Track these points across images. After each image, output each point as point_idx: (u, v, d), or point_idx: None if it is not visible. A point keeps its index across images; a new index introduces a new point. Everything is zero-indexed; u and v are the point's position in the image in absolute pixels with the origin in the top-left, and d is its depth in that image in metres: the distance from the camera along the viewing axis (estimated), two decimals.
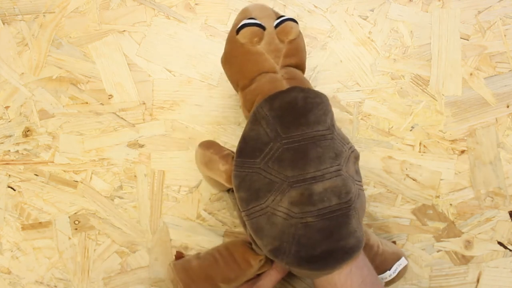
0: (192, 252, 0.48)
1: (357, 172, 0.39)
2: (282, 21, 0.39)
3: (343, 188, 0.35)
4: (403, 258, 0.42)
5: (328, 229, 0.35)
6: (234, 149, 0.39)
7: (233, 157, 0.39)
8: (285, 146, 0.35)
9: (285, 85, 0.38)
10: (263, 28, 0.39)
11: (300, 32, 0.41)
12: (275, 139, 0.36)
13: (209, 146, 0.41)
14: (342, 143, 0.38)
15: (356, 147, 0.49)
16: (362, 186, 0.39)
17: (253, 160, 0.36)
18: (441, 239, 0.48)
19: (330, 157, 0.36)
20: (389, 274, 0.41)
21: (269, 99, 0.37)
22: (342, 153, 0.37)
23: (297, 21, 0.41)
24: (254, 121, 0.38)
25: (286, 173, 0.35)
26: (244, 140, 0.38)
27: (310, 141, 0.36)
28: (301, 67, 0.41)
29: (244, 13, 0.41)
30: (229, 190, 0.47)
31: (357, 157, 0.39)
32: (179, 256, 0.45)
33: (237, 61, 0.41)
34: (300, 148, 0.35)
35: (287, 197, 0.35)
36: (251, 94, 0.39)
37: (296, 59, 0.40)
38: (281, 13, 0.42)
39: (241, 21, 0.40)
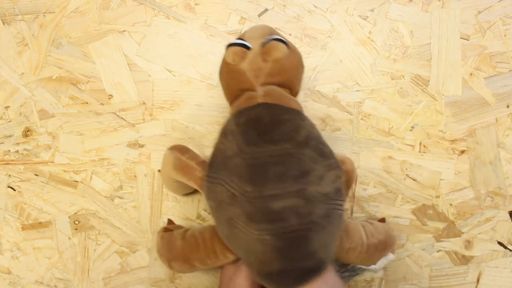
0: None
1: (338, 190, 0.37)
2: (268, 41, 0.40)
3: (304, 209, 0.35)
4: (390, 254, 0.43)
5: (284, 248, 0.35)
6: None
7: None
8: (247, 161, 0.36)
9: (259, 102, 0.39)
10: (247, 47, 0.40)
11: (292, 52, 0.41)
12: (239, 154, 0.36)
13: (184, 151, 0.42)
14: (315, 161, 0.37)
15: (356, 147, 0.49)
16: (340, 205, 0.38)
17: (220, 172, 0.37)
18: (441, 239, 0.48)
19: (293, 176, 0.35)
20: (375, 268, 0.42)
21: (236, 115, 0.38)
22: (311, 172, 0.36)
23: (286, 42, 0.40)
24: (223, 134, 0.39)
25: (246, 188, 0.35)
26: (214, 153, 0.39)
27: (273, 159, 0.36)
28: (288, 85, 0.41)
29: (243, 34, 0.43)
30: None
31: (339, 175, 0.38)
32: (170, 223, 0.47)
33: (223, 78, 0.43)
34: (261, 165, 0.36)
35: (246, 212, 0.35)
36: (231, 110, 0.41)
37: (280, 78, 0.40)
38: (276, 35, 0.42)
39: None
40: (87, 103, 0.52)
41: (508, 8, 0.52)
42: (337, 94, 0.51)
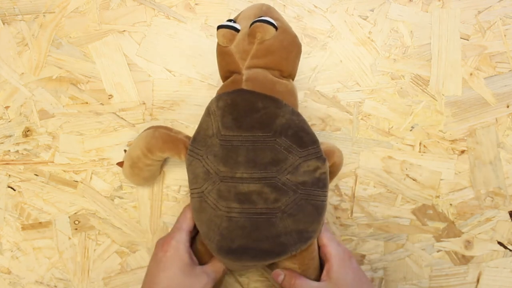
0: None
1: (318, 181, 0.38)
2: (254, 22, 0.40)
3: (271, 195, 0.37)
4: None
5: (249, 228, 0.37)
6: None
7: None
8: (221, 143, 0.38)
9: (242, 86, 0.39)
10: (236, 29, 0.40)
11: (281, 32, 0.40)
12: (216, 135, 0.39)
13: (168, 128, 0.43)
14: (290, 151, 0.38)
15: (356, 147, 0.49)
16: (318, 195, 0.38)
17: (200, 148, 0.39)
18: (441, 239, 0.48)
19: (263, 163, 0.37)
20: None
21: (217, 97, 0.40)
22: (284, 161, 0.37)
23: (275, 23, 0.40)
24: (207, 113, 0.40)
25: (219, 168, 0.38)
26: (198, 129, 0.41)
27: (245, 144, 0.38)
28: (276, 67, 0.41)
29: (239, 13, 0.43)
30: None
31: (318, 166, 0.38)
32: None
33: (217, 59, 0.43)
34: (233, 149, 0.38)
35: (217, 189, 0.38)
36: (219, 89, 0.42)
37: (266, 60, 0.40)
38: (279, 13, 0.42)
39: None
40: (87, 103, 0.52)
41: (508, 8, 0.52)
42: (337, 94, 0.51)
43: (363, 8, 0.53)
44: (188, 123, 0.51)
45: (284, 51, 0.41)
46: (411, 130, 0.50)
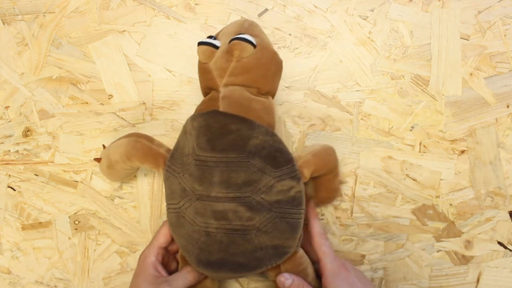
0: None
1: (293, 199, 0.39)
2: (232, 40, 0.40)
3: (246, 214, 0.38)
4: None
5: (226, 242, 0.38)
6: None
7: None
8: (196, 163, 0.39)
9: (219, 106, 0.40)
10: (215, 46, 0.41)
11: (260, 50, 0.40)
12: (191, 155, 0.39)
13: (150, 139, 0.43)
14: (264, 171, 0.38)
15: (356, 147, 0.49)
16: (293, 213, 0.39)
17: (177, 165, 0.40)
18: (441, 239, 0.48)
19: (237, 184, 0.38)
20: None
21: (192, 117, 0.40)
22: (257, 181, 0.38)
23: (252, 41, 0.40)
24: (183, 132, 0.41)
25: (195, 186, 0.39)
26: (176, 146, 0.41)
27: (219, 165, 0.38)
28: (253, 85, 0.41)
29: (221, 29, 0.44)
30: None
31: (292, 186, 0.39)
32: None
33: (198, 75, 0.44)
34: (208, 169, 0.38)
35: (193, 206, 0.39)
36: (198, 106, 0.43)
37: (242, 78, 0.40)
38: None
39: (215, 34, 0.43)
40: (87, 103, 0.52)
41: (508, 8, 0.52)
42: (337, 94, 0.51)
43: (363, 8, 0.53)
44: None
45: (261, 69, 0.41)
46: (411, 130, 0.50)
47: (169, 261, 0.44)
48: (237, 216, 0.38)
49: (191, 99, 0.51)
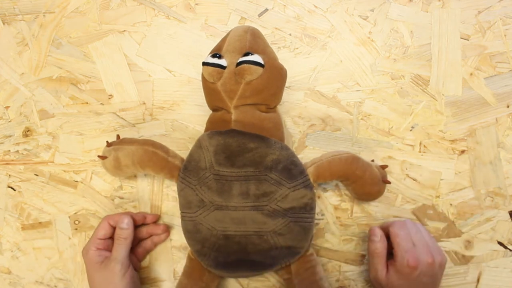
0: None
1: (305, 205, 0.41)
2: (241, 63, 0.40)
3: (262, 221, 0.41)
4: None
5: (244, 243, 0.41)
6: None
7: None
8: (215, 177, 0.41)
9: (232, 127, 0.42)
10: (223, 67, 0.41)
11: (268, 69, 0.41)
12: (209, 169, 0.42)
13: (165, 149, 0.44)
14: (280, 184, 0.41)
15: (356, 147, 0.49)
16: (306, 218, 0.42)
17: (191, 177, 0.42)
18: (441, 239, 0.48)
19: (256, 195, 0.41)
20: None
21: (210, 134, 0.42)
22: (274, 192, 0.41)
23: (261, 62, 0.40)
24: (198, 146, 0.43)
25: (213, 198, 0.41)
26: (189, 158, 0.43)
27: (238, 180, 0.41)
28: (263, 103, 0.42)
29: (223, 40, 0.43)
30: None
31: (306, 194, 0.41)
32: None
33: (203, 89, 0.44)
34: (227, 183, 0.41)
35: (213, 215, 0.41)
36: (207, 122, 0.45)
37: (253, 99, 0.42)
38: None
39: (216, 49, 0.43)
40: (87, 103, 0.52)
41: (508, 8, 0.52)
42: (337, 94, 0.51)
43: (363, 8, 0.53)
44: (188, 123, 0.51)
45: (271, 88, 0.42)
46: (411, 130, 0.50)
47: (133, 262, 0.45)
48: (255, 222, 0.41)
49: (191, 99, 0.51)
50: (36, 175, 0.50)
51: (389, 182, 0.44)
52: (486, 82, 0.51)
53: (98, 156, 0.45)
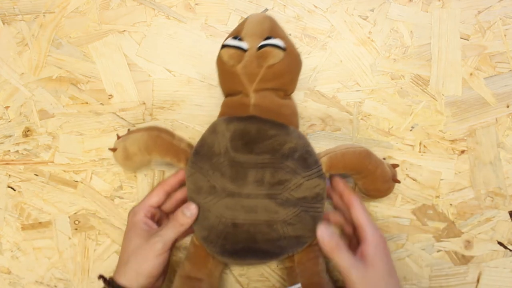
0: None
1: (317, 195, 0.41)
2: (263, 46, 0.40)
3: (274, 210, 0.40)
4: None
5: (252, 232, 0.41)
6: None
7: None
8: (230, 164, 0.40)
9: (250, 111, 0.41)
10: (244, 50, 0.41)
11: (288, 54, 0.41)
12: (224, 155, 0.41)
13: (171, 134, 0.44)
14: (295, 172, 0.40)
15: None
16: (316, 207, 0.41)
17: (203, 162, 0.41)
18: (441, 239, 0.48)
19: (270, 183, 0.40)
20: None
21: (228, 119, 0.41)
22: (288, 181, 0.40)
23: (282, 45, 0.40)
24: (213, 130, 0.42)
25: (226, 185, 0.40)
26: (201, 143, 0.42)
27: (254, 166, 0.40)
28: (282, 89, 0.42)
29: (241, 25, 0.43)
30: None
31: (318, 184, 0.41)
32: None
33: (219, 73, 0.44)
34: (242, 170, 0.40)
35: (223, 202, 0.41)
36: (223, 106, 0.44)
37: (273, 83, 0.41)
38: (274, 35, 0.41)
39: (235, 33, 0.43)
40: (87, 103, 0.52)
41: (508, 8, 0.52)
42: (337, 94, 0.51)
43: (363, 8, 0.53)
44: (188, 123, 0.51)
45: (291, 74, 0.43)
46: (411, 130, 0.50)
47: (161, 218, 0.45)
48: (266, 210, 0.41)
49: (191, 99, 0.51)
50: (36, 175, 0.50)
51: (399, 181, 0.44)
52: (486, 82, 0.51)
53: (109, 148, 0.45)
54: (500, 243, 0.48)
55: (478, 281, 0.47)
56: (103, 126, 0.51)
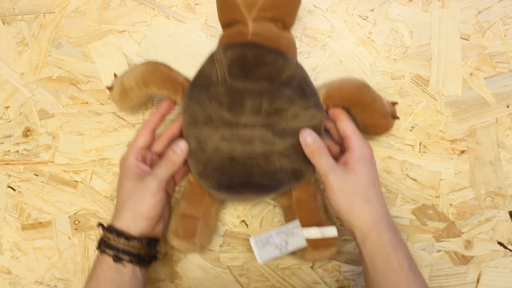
0: (192, 253, 0.48)
1: (314, 127, 0.41)
2: None
3: (271, 141, 0.41)
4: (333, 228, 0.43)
5: (249, 165, 0.41)
6: None
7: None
8: (227, 91, 0.41)
9: (248, 40, 0.41)
10: None
11: None
12: (222, 83, 0.41)
13: (169, 67, 0.44)
14: (293, 101, 0.40)
15: None
16: None
17: (200, 92, 0.41)
18: (441, 239, 0.48)
19: (267, 112, 0.40)
20: (314, 232, 0.42)
21: (225, 47, 0.41)
22: (285, 110, 0.41)
23: None
24: (211, 60, 0.42)
25: (223, 114, 0.41)
26: (199, 74, 0.42)
27: (251, 94, 0.40)
28: (280, 19, 0.42)
29: None
30: None
31: (315, 115, 0.41)
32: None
33: (217, 3, 0.44)
34: (239, 98, 0.40)
35: (220, 133, 0.41)
36: (221, 38, 0.44)
37: (272, 13, 0.41)
38: None
39: None
40: (87, 103, 0.52)
41: (508, 8, 0.52)
42: None
43: (363, 8, 0.53)
44: None
45: (290, 4, 0.43)
46: (411, 130, 0.50)
47: (152, 160, 0.44)
48: (263, 141, 0.41)
49: None
50: (36, 175, 0.50)
51: (398, 118, 0.44)
52: (486, 82, 0.51)
53: (106, 87, 0.45)
54: (500, 243, 0.48)
55: (478, 281, 0.47)
56: (103, 126, 0.51)
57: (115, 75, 0.46)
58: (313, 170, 0.42)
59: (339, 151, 0.44)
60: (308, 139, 0.40)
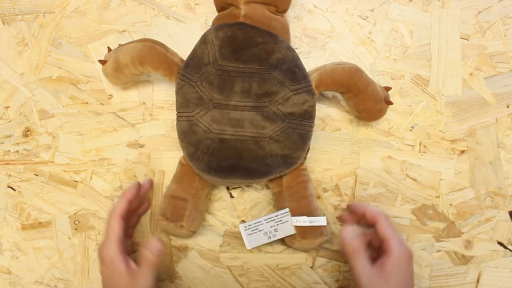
0: (191, 253, 0.48)
1: (305, 112, 0.42)
2: None
3: (262, 123, 0.41)
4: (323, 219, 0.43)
5: (239, 148, 0.41)
6: None
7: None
8: (218, 72, 0.41)
9: (239, 21, 0.42)
10: None
11: None
12: (212, 64, 0.42)
13: (165, 47, 0.44)
14: (283, 84, 0.41)
15: (356, 147, 0.49)
16: (304, 125, 0.42)
17: (193, 74, 0.42)
18: (441, 239, 0.48)
19: (257, 94, 0.41)
20: (304, 220, 0.42)
21: (217, 27, 0.42)
22: (276, 93, 0.41)
23: None
24: (203, 41, 0.42)
25: (213, 95, 0.41)
26: (192, 55, 0.43)
27: (241, 75, 0.41)
28: (273, 4, 0.43)
29: None
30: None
31: (306, 99, 0.41)
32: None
33: None
34: (229, 79, 0.41)
35: (210, 114, 0.41)
36: (214, 20, 0.45)
37: None
38: None
39: None
40: (87, 103, 0.52)
41: (508, 8, 0.52)
42: (337, 94, 0.51)
43: (363, 8, 0.53)
44: None
45: None
46: (411, 130, 0.50)
47: (126, 244, 0.44)
48: (253, 125, 0.41)
49: None
50: (36, 175, 0.50)
51: (391, 103, 0.44)
52: (486, 82, 0.51)
53: (99, 60, 0.45)
54: (500, 243, 0.48)
55: (478, 281, 0.47)
56: (103, 126, 0.51)
57: (108, 48, 0.46)
58: (305, 158, 0.43)
59: (379, 246, 0.43)
60: (348, 237, 0.40)
